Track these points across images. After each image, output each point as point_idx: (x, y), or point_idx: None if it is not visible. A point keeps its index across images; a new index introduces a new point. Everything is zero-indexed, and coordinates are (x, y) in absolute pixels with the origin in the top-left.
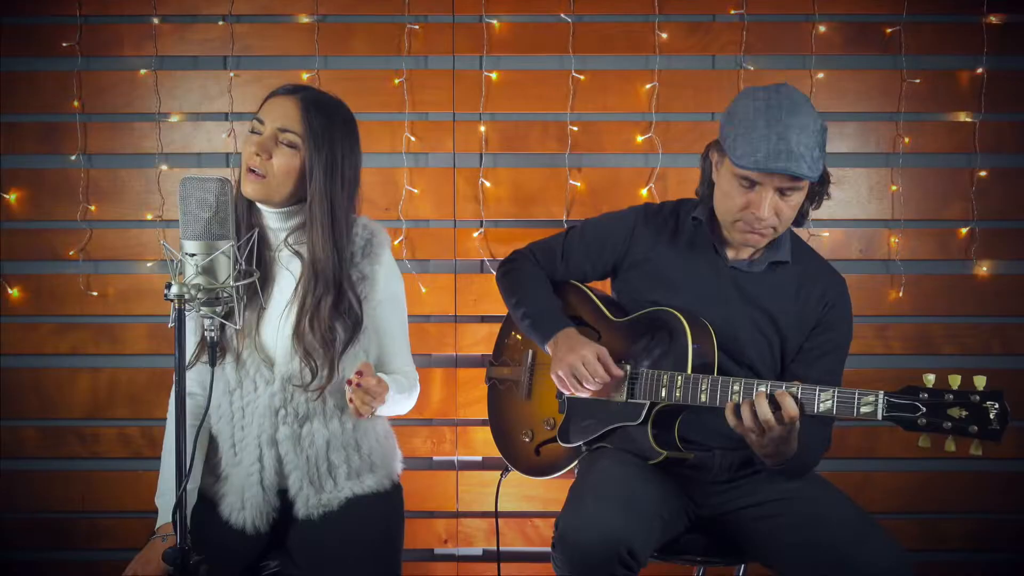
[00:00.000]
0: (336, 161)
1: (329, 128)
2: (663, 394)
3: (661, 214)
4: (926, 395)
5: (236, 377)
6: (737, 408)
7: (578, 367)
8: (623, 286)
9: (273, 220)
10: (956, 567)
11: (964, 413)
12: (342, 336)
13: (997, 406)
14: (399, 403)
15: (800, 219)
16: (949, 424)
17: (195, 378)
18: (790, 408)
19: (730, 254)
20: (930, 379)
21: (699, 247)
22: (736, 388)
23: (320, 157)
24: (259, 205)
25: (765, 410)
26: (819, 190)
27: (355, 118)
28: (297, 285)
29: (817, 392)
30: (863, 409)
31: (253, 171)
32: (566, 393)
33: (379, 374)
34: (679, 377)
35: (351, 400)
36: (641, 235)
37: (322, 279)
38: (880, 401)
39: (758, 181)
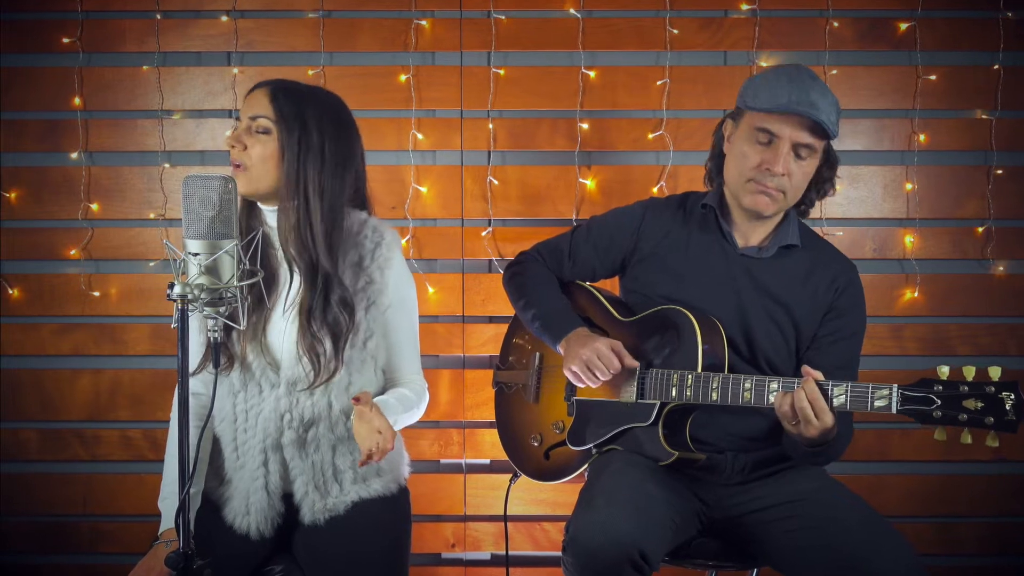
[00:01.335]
0: (310, 140)
1: (300, 110)
2: (673, 393)
3: (668, 206)
4: (941, 387)
5: (241, 379)
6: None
7: (593, 360)
8: (632, 282)
9: (274, 219)
10: (972, 571)
11: (980, 404)
12: (342, 326)
13: (1013, 396)
14: (405, 422)
15: (806, 207)
16: (965, 416)
17: (200, 378)
18: (812, 393)
19: (739, 241)
20: (944, 371)
21: (708, 236)
22: (747, 386)
23: (292, 140)
24: (259, 205)
25: (802, 399)
26: (827, 175)
27: (341, 102)
28: (300, 284)
29: (830, 387)
30: (877, 403)
31: (236, 165)
32: (579, 386)
33: (378, 399)
34: (689, 376)
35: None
36: (649, 228)
37: (299, 267)
38: (894, 394)
39: (776, 134)
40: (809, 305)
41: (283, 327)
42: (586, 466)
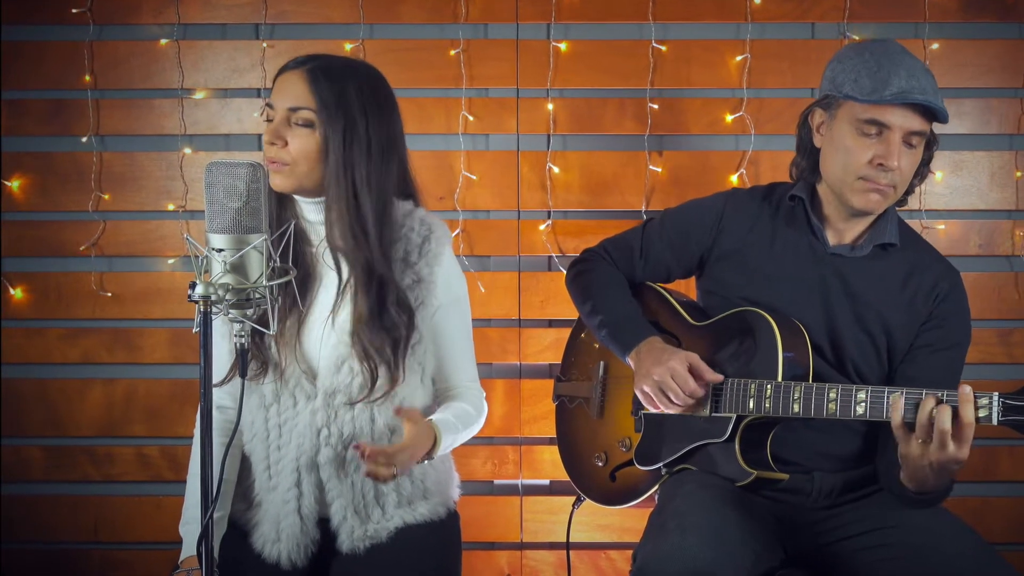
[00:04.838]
0: (356, 128)
1: (342, 93)
2: (751, 405)
3: (752, 198)
4: None
5: (273, 390)
6: (911, 408)
7: (667, 381)
8: (710, 283)
9: (311, 212)
10: None
11: None
12: (403, 331)
13: None
14: (462, 440)
15: (907, 195)
16: None
17: (227, 390)
18: (967, 416)
19: (831, 239)
20: None
21: (796, 233)
22: (833, 396)
23: (335, 128)
24: (295, 196)
25: (945, 420)
26: (926, 157)
27: (381, 76)
28: (344, 285)
29: (924, 396)
30: (976, 413)
31: (273, 162)
32: (653, 411)
33: (436, 417)
34: (768, 386)
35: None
36: (730, 223)
37: (354, 271)
38: (995, 403)
39: (887, 125)
40: (906, 313)
41: (320, 333)
42: (656, 488)
